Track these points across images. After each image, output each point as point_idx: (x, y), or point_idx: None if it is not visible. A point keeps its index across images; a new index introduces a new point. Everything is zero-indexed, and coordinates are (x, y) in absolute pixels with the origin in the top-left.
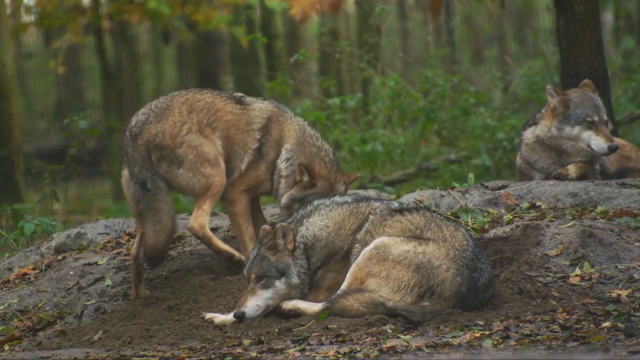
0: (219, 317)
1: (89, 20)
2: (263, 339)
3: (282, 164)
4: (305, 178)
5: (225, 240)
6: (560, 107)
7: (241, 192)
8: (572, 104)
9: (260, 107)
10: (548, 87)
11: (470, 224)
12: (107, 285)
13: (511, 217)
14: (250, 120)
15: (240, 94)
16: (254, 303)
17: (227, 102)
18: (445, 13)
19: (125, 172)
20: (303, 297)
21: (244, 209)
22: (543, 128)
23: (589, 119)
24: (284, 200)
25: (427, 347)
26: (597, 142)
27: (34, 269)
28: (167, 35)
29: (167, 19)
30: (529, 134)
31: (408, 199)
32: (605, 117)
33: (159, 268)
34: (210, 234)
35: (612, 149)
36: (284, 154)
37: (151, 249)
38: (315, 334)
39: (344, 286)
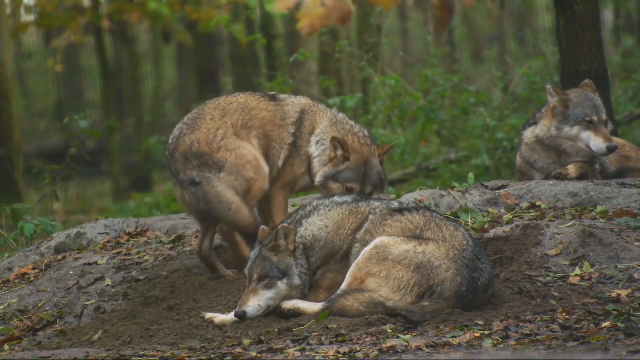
0: (219, 317)
1: (89, 20)
2: (263, 338)
3: (312, 147)
4: (339, 152)
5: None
6: (560, 107)
7: (279, 189)
8: (572, 104)
9: (293, 102)
10: (548, 87)
11: (470, 224)
12: (107, 285)
13: (511, 217)
14: (284, 115)
15: (273, 92)
16: (256, 303)
17: (260, 100)
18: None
19: (177, 192)
20: (303, 297)
21: (280, 206)
22: (543, 128)
23: (588, 119)
24: (318, 178)
25: (427, 347)
26: (596, 142)
27: (34, 269)
28: (167, 35)
29: (167, 19)
30: (529, 134)
31: (408, 199)
32: (604, 117)
33: (160, 268)
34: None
35: (611, 149)
36: (313, 139)
37: (246, 227)
38: (315, 334)
39: (343, 286)
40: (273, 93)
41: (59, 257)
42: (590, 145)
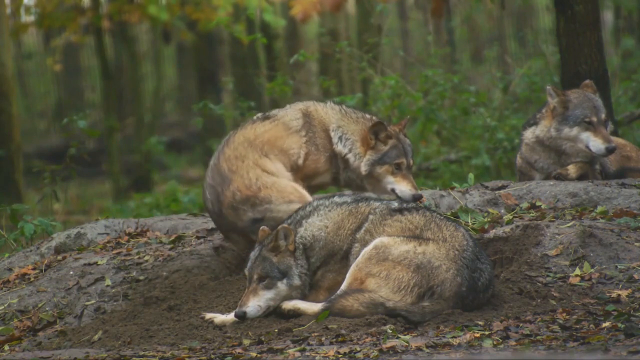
0: (219, 317)
1: (89, 20)
2: (263, 339)
3: (339, 146)
4: (382, 136)
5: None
6: (560, 107)
7: (296, 178)
8: (571, 105)
9: (286, 112)
10: (548, 87)
11: (470, 224)
12: (107, 285)
13: (511, 217)
14: (286, 126)
15: (260, 113)
16: (256, 303)
17: (256, 127)
18: (445, 13)
19: (237, 243)
20: (303, 297)
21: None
22: (543, 128)
23: (587, 120)
24: (364, 168)
25: (427, 347)
26: (596, 143)
27: (34, 269)
28: (167, 35)
29: (166, 21)
30: (529, 134)
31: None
32: (603, 118)
33: (160, 268)
34: None
35: (610, 150)
36: (334, 137)
37: None
38: (315, 334)
39: (343, 286)
40: (262, 114)
41: (59, 257)
42: (590, 146)
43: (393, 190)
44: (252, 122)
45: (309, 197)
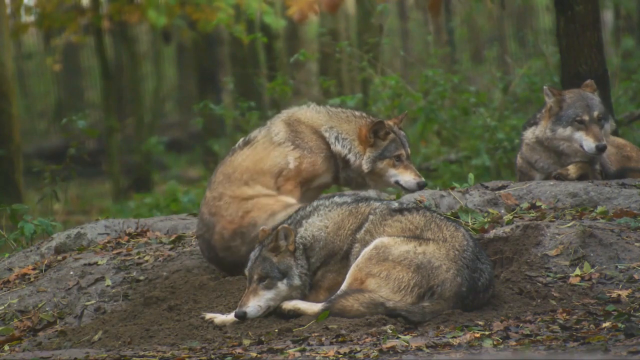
0: (219, 317)
1: (89, 20)
2: (263, 339)
3: (337, 147)
4: (382, 133)
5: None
6: (556, 107)
7: (296, 184)
8: (565, 105)
9: (268, 129)
10: (545, 87)
11: (470, 224)
12: (107, 285)
13: (511, 217)
14: (269, 142)
15: (242, 139)
16: (256, 303)
17: (235, 157)
18: (445, 13)
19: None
20: (303, 297)
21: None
22: (542, 129)
23: (578, 119)
24: (365, 166)
25: (427, 347)
26: (587, 142)
27: (34, 269)
28: (167, 35)
29: (165, 25)
30: (529, 134)
31: (408, 199)
32: (597, 115)
33: (160, 268)
34: None
35: (600, 149)
36: (329, 138)
37: None
38: (315, 334)
39: (343, 286)
40: (242, 140)
41: (59, 257)
42: (582, 145)
43: (397, 182)
44: (231, 154)
45: (291, 200)
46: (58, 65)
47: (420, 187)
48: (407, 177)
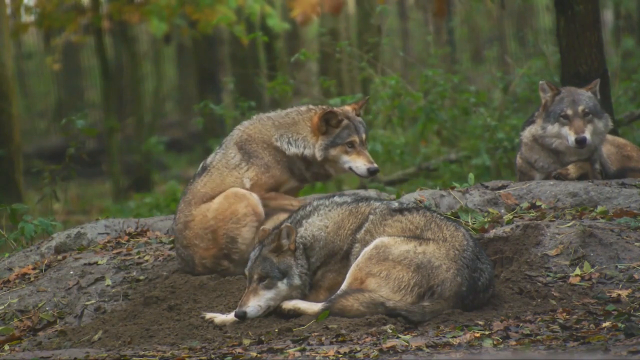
0: (219, 317)
1: (89, 20)
2: (263, 339)
3: (292, 150)
4: (334, 122)
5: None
6: (550, 103)
7: (266, 191)
8: (556, 101)
9: (223, 154)
10: (541, 82)
11: (470, 224)
12: (107, 285)
13: (511, 217)
14: (225, 166)
15: (201, 165)
16: (256, 303)
17: (194, 185)
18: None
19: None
20: (304, 297)
21: (273, 196)
22: (536, 127)
23: (563, 114)
24: (318, 154)
25: (427, 347)
26: (570, 136)
27: (34, 269)
28: (167, 36)
29: (166, 30)
30: (527, 134)
31: (408, 199)
32: (581, 110)
33: (160, 268)
34: None
35: (579, 142)
36: (282, 145)
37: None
38: (315, 334)
39: (344, 286)
40: (200, 166)
41: (59, 257)
42: (568, 140)
43: (350, 169)
44: (191, 182)
45: (252, 199)
46: (58, 65)
47: (371, 172)
48: (359, 163)
